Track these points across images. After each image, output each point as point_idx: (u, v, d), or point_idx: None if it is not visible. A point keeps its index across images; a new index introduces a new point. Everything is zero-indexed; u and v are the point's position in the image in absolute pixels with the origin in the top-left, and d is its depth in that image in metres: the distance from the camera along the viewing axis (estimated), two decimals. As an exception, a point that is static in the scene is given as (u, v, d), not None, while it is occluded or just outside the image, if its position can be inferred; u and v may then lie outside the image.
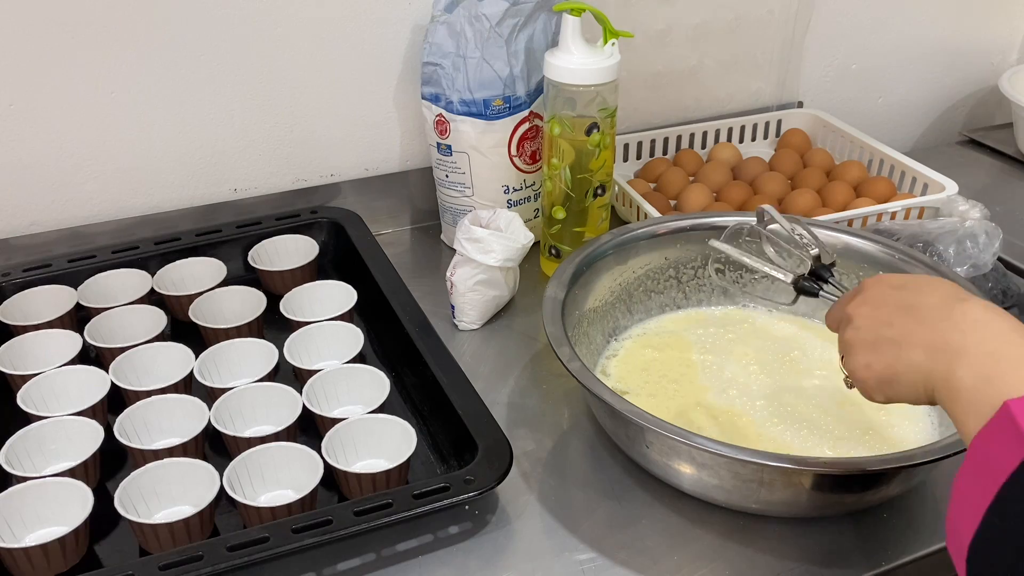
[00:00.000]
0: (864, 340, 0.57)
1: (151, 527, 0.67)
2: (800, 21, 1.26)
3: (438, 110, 0.98)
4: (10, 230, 0.99)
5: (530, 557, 0.69)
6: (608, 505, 0.74)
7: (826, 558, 0.69)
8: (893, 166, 1.14)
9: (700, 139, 1.23)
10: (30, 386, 0.79)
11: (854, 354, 0.58)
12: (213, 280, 0.93)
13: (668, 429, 0.66)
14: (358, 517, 0.66)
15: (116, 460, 0.77)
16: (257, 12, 0.97)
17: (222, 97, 1.00)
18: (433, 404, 0.80)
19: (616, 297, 0.88)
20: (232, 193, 1.06)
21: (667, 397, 0.81)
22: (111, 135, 0.98)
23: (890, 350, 0.55)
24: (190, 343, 0.85)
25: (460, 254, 0.91)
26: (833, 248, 0.71)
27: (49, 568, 0.67)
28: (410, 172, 1.12)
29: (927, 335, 0.53)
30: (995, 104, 1.48)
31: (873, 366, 0.57)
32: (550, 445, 0.80)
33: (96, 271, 0.93)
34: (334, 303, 0.90)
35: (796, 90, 1.32)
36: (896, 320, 0.55)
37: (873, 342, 0.57)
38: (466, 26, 0.94)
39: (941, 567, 0.72)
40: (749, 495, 0.69)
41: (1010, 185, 1.26)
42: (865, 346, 0.57)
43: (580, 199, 0.95)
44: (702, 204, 1.08)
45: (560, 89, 0.91)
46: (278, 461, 0.72)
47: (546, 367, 0.89)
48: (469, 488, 0.68)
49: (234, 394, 0.78)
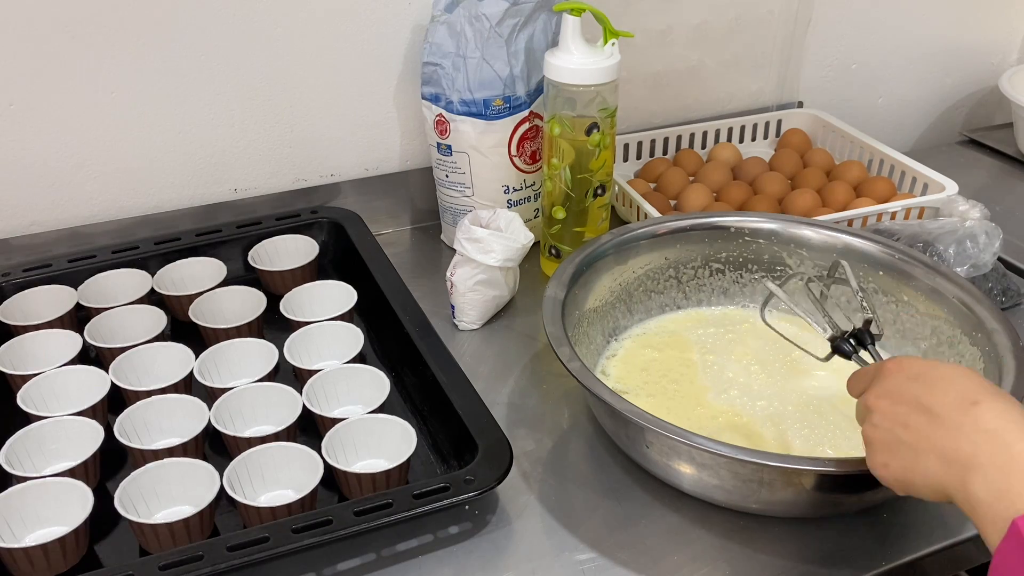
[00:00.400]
0: (882, 440, 0.58)
1: (151, 527, 0.67)
2: (800, 21, 1.26)
3: (438, 110, 0.98)
4: (10, 230, 0.99)
5: (530, 557, 0.69)
6: (608, 505, 0.74)
7: (826, 558, 0.69)
8: (893, 166, 1.14)
9: (700, 139, 1.23)
10: (30, 386, 0.79)
11: (873, 452, 0.59)
12: (213, 280, 0.93)
13: (668, 429, 0.66)
14: (358, 517, 0.66)
15: (116, 460, 0.77)
16: (257, 12, 0.97)
17: (222, 97, 1.00)
18: (433, 404, 0.80)
19: (616, 297, 0.88)
20: (232, 193, 1.06)
21: (667, 397, 0.81)
22: (111, 135, 0.98)
23: (907, 454, 0.56)
24: (190, 343, 0.85)
25: (460, 254, 0.91)
26: (876, 314, 0.71)
27: (49, 568, 0.67)
28: (410, 172, 1.12)
29: (941, 443, 0.54)
30: (995, 104, 1.48)
31: (891, 466, 0.58)
32: (550, 445, 0.80)
33: (96, 271, 0.93)
34: (334, 303, 0.90)
35: (796, 90, 1.32)
36: (912, 422, 0.56)
37: (890, 444, 0.58)
38: (466, 26, 0.94)
39: (941, 567, 0.72)
40: (749, 495, 0.69)
41: (1010, 185, 1.26)
42: (883, 447, 0.58)
43: (580, 199, 0.95)
44: (702, 204, 1.08)
45: (560, 89, 0.91)
46: (278, 461, 0.72)
47: (546, 367, 0.89)
48: (469, 488, 0.68)
49: (234, 394, 0.78)
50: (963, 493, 0.52)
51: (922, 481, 0.55)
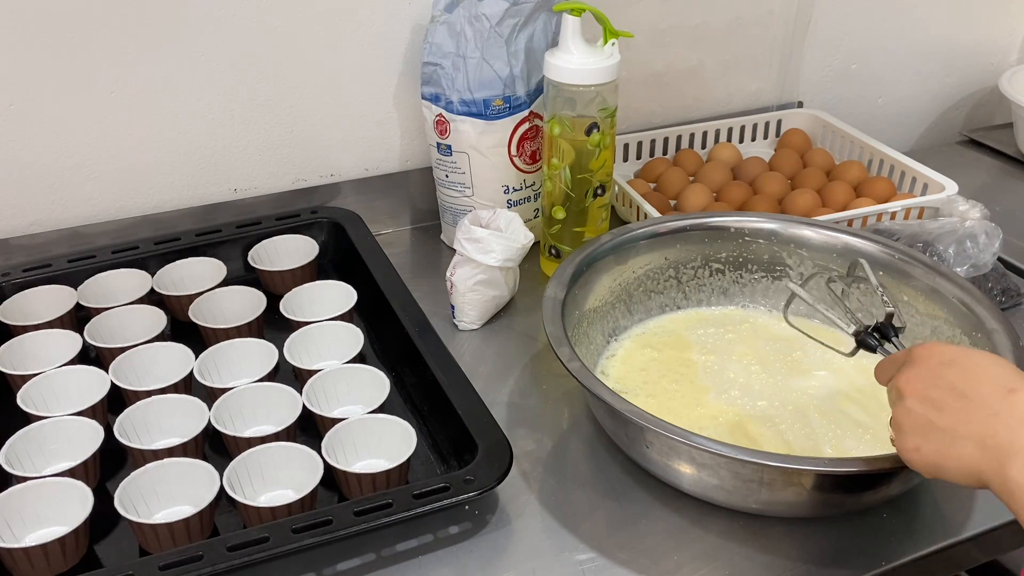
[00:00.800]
0: (915, 424, 0.58)
1: (151, 527, 0.67)
2: (800, 21, 1.26)
3: (438, 110, 0.98)
4: (10, 230, 0.99)
5: (530, 557, 0.69)
6: (608, 505, 0.74)
7: (826, 558, 0.69)
8: (893, 166, 1.14)
9: (700, 139, 1.23)
10: (30, 386, 0.79)
11: (904, 436, 0.59)
12: (213, 280, 0.93)
13: (668, 429, 0.66)
14: (358, 517, 0.66)
15: (116, 460, 0.77)
16: (257, 12, 0.97)
17: (222, 97, 1.00)
18: (433, 404, 0.80)
19: (616, 297, 0.88)
20: (232, 193, 1.06)
21: (667, 397, 0.81)
22: (111, 135, 0.98)
23: (940, 439, 0.56)
24: (190, 343, 0.85)
25: (460, 254, 0.91)
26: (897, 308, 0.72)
27: (49, 568, 0.67)
28: (410, 172, 1.12)
29: (978, 429, 0.54)
30: (995, 104, 1.48)
31: (923, 450, 0.57)
32: (550, 445, 0.80)
33: (96, 271, 0.93)
34: (334, 303, 0.90)
35: (796, 90, 1.32)
36: (947, 406, 0.56)
37: (923, 427, 0.57)
38: (466, 26, 0.94)
39: (941, 567, 0.72)
40: (749, 495, 0.69)
41: (1010, 185, 1.26)
42: (916, 430, 0.58)
43: (580, 199, 0.95)
44: (702, 204, 1.08)
45: (560, 89, 0.91)
46: (278, 461, 0.72)
47: (546, 367, 0.89)
48: (469, 488, 0.68)
49: (234, 394, 0.78)
50: (1000, 478, 0.52)
51: (955, 465, 0.55)
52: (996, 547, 0.74)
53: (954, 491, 0.75)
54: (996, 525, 0.72)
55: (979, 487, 0.55)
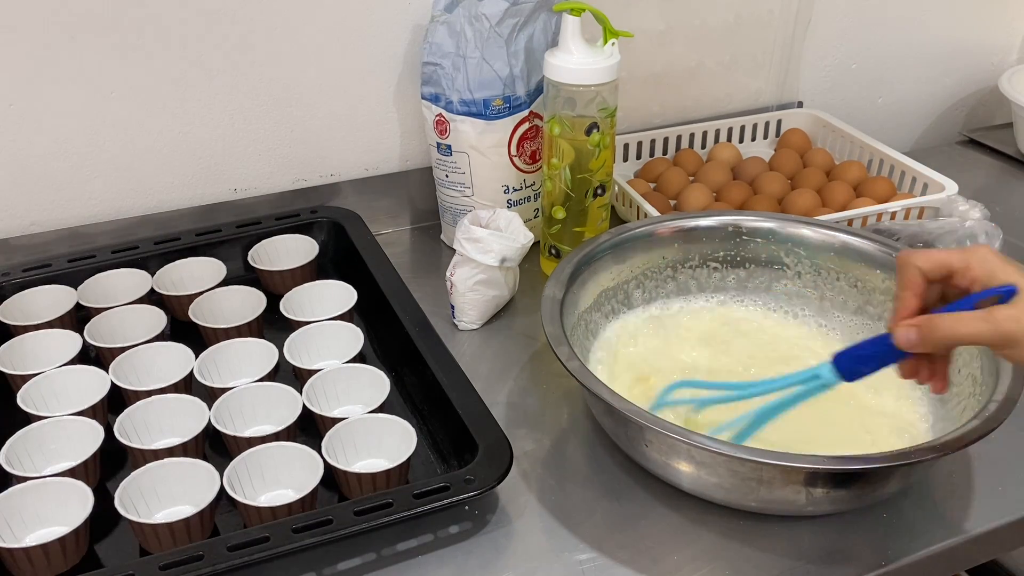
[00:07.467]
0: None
1: (151, 527, 0.67)
2: (800, 21, 1.26)
3: (438, 110, 0.98)
4: (10, 230, 0.99)
5: (530, 557, 0.69)
6: (608, 505, 0.74)
7: (826, 558, 0.69)
8: (893, 166, 1.14)
9: (700, 139, 1.23)
10: (30, 386, 0.79)
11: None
12: (213, 280, 0.93)
13: (667, 428, 0.66)
14: (358, 517, 0.66)
15: (116, 460, 0.77)
16: (257, 12, 0.97)
17: (222, 97, 1.00)
18: (433, 404, 0.80)
19: (614, 296, 0.88)
20: (232, 193, 1.06)
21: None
22: (111, 135, 0.98)
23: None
24: (190, 343, 0.85)
25: (460, 254, 0.91)
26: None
27: (49, 568, 0.67)
28: (410, 172, 1.12)
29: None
30: (995, 104, 1.48)
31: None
32: (550, 445, 0.80)
33: (96, 271, 0.93)
34: (334, 303, 0.90)
35: (796, 90, 1.32)
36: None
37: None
38: (466, 26, 0.94)
39: (941, 567, 0.72)
40: (748, 494, 0.69)
41: (1010, 185, 1.26)
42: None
43: (580, 199, 0.95)
44: (702, 204, 1.08)
45: (560, 89, 0.91)
46: (278, 461, 0.72)
47: (546, 367, 0.89)
48: (469, 488, 0.68)
49: (234, 394, 0.78)
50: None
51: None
52: (996, 547, 0.74)
53: (954, 491, 0.75)
54: (996, 525, 0.72)
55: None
